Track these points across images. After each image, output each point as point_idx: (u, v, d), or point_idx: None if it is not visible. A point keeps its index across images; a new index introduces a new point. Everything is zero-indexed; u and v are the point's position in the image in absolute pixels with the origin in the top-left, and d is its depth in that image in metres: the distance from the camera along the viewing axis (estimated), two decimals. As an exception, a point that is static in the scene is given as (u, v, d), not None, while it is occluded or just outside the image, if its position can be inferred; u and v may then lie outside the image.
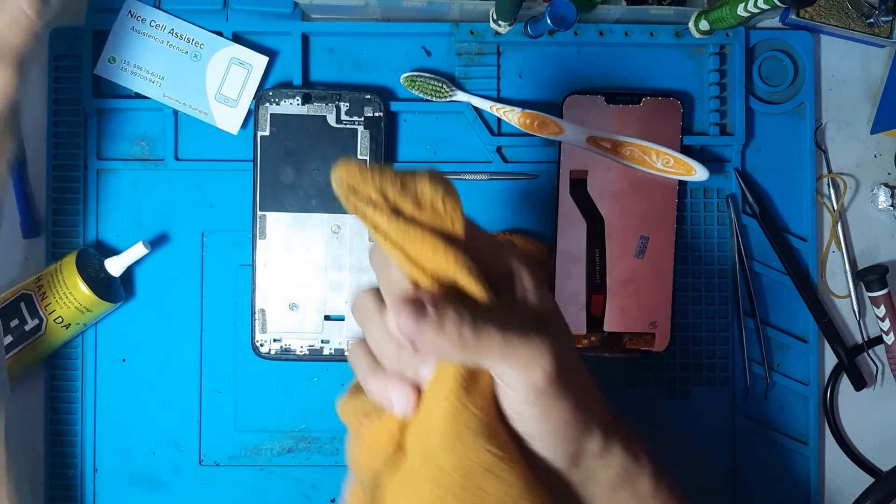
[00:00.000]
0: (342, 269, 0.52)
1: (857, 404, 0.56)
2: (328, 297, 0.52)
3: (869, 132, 0.57)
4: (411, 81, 0.53)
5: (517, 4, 0.48)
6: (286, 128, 0.51)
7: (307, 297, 0.52)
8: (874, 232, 0.57)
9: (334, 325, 0.52)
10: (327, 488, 0.54)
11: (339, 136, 0.51)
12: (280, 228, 0.51)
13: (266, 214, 0.51)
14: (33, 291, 0.50)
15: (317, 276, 0.52)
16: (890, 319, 0.55)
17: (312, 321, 0.52)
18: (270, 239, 0.51)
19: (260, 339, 0.52)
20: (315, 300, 0.52)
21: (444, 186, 0.32)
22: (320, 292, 0.52)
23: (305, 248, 0.52)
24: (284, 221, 0.51)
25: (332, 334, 0.52)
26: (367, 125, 0.51)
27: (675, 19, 0.53)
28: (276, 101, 0.51)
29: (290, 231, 0.51)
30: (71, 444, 0.53)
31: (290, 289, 0.52)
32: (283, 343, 0.52)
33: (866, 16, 0.55)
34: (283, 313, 0.52)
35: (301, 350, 0.52)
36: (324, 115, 0.51)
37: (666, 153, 0.52)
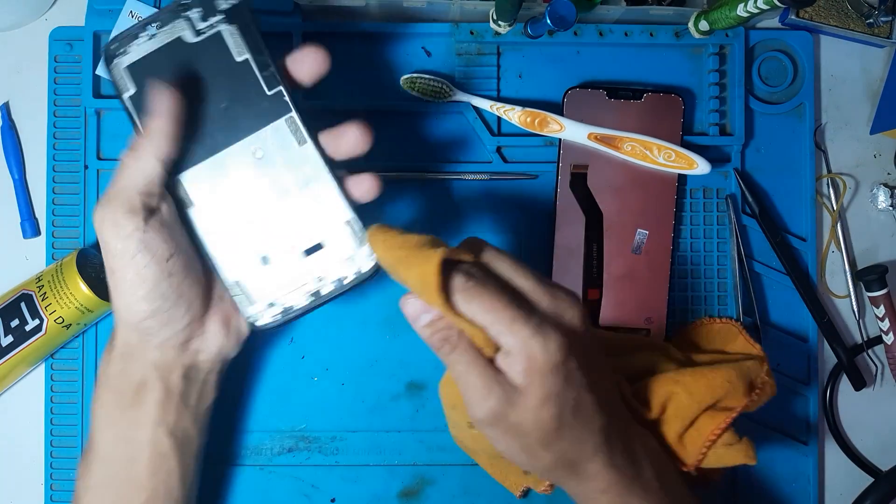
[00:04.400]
0: (288, 192, 0.43)
1: (857, 404, 0.56)
2: (293, 231, 0.43)
3: (868, 132, 0.57)
4: (411, 83, 0.53)
5: (517, 4, 0.48)
6: (148, 73, 0.42)
7: (273, 242, 0.43)
8: (874, 232, 0.57)
9: (318, 258, 0.43)
10: (327, 488, 0.54)
11: (206, 48, 0.42)
12: (202, 186, 0.43)
13: (179, 178, 0.42)
14: (33, 291, 0.50)
15: (267, 213, 0.43)
16: (889, 319, 0.55)
17: (293, 265, 0.43)
18: (199, 202, 0.43)
19: (251, 314, 0.44)
20: (282, 241, 0.43)
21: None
22: (282, 230, 0.43)
23: (238, 191, 0.43)
24: (202, 174, 0.43)
25: (321, 268, 0.43)
26: (230, 19, 0.42)
27: (674, 19, 0.54)
28: (125, 51, 0.42)
29: (213, 182, 0.43)
30: (71, 444, 0.53)
31: (250, 243, 0.43)
32: (277, 304, 0.44)
33: (866, 16, 0.55)
34: (260, 273, 0.43)
35: (302, 302, 0.44)
36: (179, 35, 0.42)
37: (667, 147, 0.52)
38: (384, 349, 0.54)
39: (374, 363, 0.54)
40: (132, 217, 0.40)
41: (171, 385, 0.44)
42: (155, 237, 0.41)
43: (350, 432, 0.54)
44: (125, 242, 0.40)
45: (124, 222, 0.40)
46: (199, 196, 0.43)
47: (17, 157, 0.55)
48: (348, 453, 0.54)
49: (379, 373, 0.54)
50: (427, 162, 0.54)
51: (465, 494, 0.54)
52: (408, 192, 0.54)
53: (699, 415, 0.45)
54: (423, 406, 0.54)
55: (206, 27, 0.42)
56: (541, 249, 0.54)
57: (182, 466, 0.45)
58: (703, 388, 0.44)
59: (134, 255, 0.40)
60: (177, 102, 0.40)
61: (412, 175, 0.54)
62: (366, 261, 0.43)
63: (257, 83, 0.42)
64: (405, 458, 0.54)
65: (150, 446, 0.44)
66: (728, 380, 0.44)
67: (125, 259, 0.41)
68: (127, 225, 0.40)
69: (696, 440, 0.45)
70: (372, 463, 0.54)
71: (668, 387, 0.45)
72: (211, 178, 0.43)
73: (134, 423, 0.44)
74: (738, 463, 0.46)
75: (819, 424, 0.55)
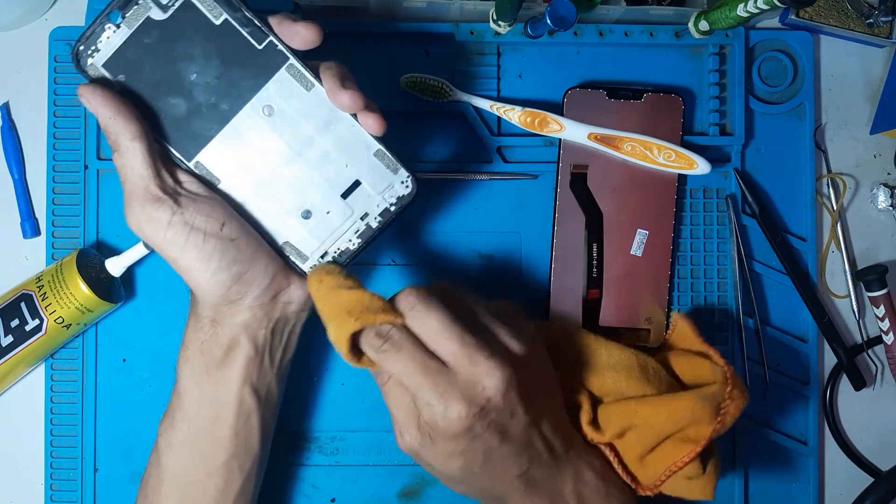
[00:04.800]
0: (311, 140, 0.42)
1: (857, 404, 0.56)
2: (326, 176, 0.43)
3: (868, 132, 0.57)
4: (411, 83, 0.53)
5: (517, 4, 0.48)
6: (127, 65, 0.41)
7: (308, 194, 0.43)
8: (874, 232, 0.57)
9: (357, 195, 0.43)
10: (327, 488, 0.54)
11: (180, 22, 0.40)
12: (222, 159, 0.42)
13: (198, 160, 0.42)
14: (33, 291, 0.50)
15: (295, 168, 0.42)
16: (889, 319, 0.55)
17: (336, 211, 0.43)
18: (225, 178, 0.42)
19: (308, 267, 0.43)
20: (318, 190, 0.43)
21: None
22: (315, 179, 0.43)
23: (261, 153, 0.42)
24: (218, 149, 0.42)
25: (363, 205, 0.43)
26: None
27: (674, 19, 0.54)
28: (95, 49, 0.40)
29: (232, 153, 0.42)
30: (71, 444, 0.53)
31: (287, 201, 0.43)
32: (331, 253, 0.43)
33: (866, 16, 0.55)
34: (305, 228, 0.43)
35: (353, 244, 0.43)
36: (146, 17, 0.40)
37: (667, 147, 0.52)
38: (384, 349, 0.54)
39: (374, 363, 0.54)
40: (160, 206, 0.40)
41: (259, 341, 0.44)
42: (195, 213, 0.40)
43: (350, 432, 0.54)
44: (171, 231, 0.40)
45: (157, 214, 0.40)
46: (224, 171, 0.42)
47: (17, 157, 0.55)
48: (348, 453, 0.54)
49: (379, 373, 0.54)
50: (427, 162, 0.54)
51: (465, 494, 0.54)
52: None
53: (663, 441, 0.45)
54: (423, 406, 0.54)
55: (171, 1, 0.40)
56: (541, 249, 0.54)
57: (263, 423, 0.46)
58: (664, 419, 0.44)
59: (187, 237, 0.40)
60: (104, 91, 0.39)
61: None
62: (403, 186, 0.43)
63: (245, 41, 0.41)
64: (405, 458, 0.53)
65: (235, 405, 0.44)
66: (690, 410, 0.43)
67: (180, 244, 0.40)
68: (161, 215, 0.40)
69: (657, 465, 0.45)
70: (372, 463, 0.54)
71: (628, 417, 0.45)
72: (229, 150, 0.42)
73: (221, 383, 0.44)
74: (694, 498, 0.46)
75: (819, 424, 0.55)
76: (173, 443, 0.44)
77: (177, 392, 0.45)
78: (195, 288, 0.42)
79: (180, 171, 0.42)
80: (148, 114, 0.41)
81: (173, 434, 0.44)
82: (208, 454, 0.44)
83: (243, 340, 0.43)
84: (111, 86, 0.41)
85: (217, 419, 0.44)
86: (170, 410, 0.45)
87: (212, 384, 0.44)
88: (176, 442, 0.44)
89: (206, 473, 0.44)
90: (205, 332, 0.43)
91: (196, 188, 0.42)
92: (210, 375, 0.44)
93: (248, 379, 0.44)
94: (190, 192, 0.41)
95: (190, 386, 0.44)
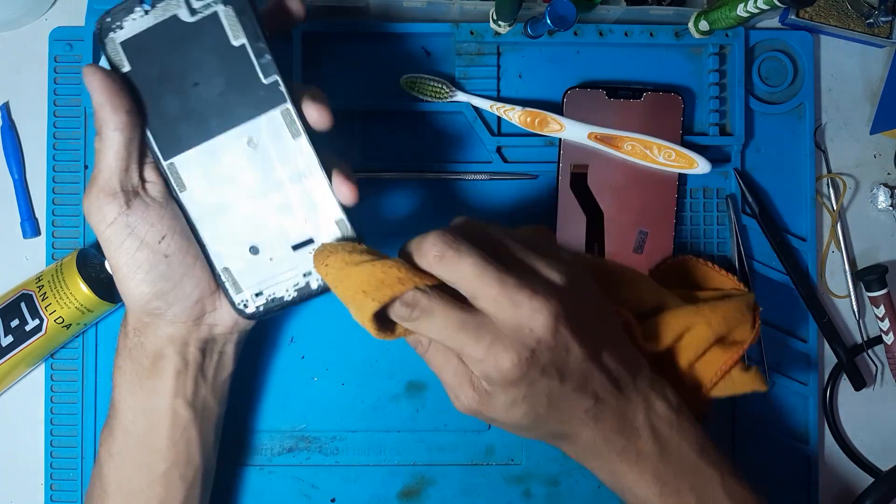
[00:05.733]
0: (281, 185, 0.42)
1: (857, 404, 0.56)
2: (283, 224, 0.43)
3: (868, 132, 0.57)
4: (411, 83, 0.53)
5: (517, 4, 0.48)
6: (143, 51, 0.41)
7: (262, 233, 0.43)
8: (874, 232, 0.57)
9: (306, 252, 0.43)
10: (327, 488, 0.54)
11: (202, 31, 0.41)
12: (194, 170, 0.42)
13: (173, 161, 0.42)
14: (33, 291, 0.50)
15: (259, 205, 0.42)
16: (889, 319, 0.55)
17: (282, 258, 0.43)
18: (191, 187, 0.42)
19: (239, 300, 0.43)
20: (272, 233, 0.43)
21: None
22: (273, 222, 0.43)
23: (231, 179, 0.42)
24: (195, 160, 0.42)
25: (309, 263, 0.43)
26: (229, 1, 0.41)
27: (674, 19, 0.54)
28: (119, 25, 0.41)
29: (205, 168, 0.42)
30: (71, 444, 0.53)
31: (241, 232, 0.43)
32: (265, 294, 0.43)
33: (866, 16, 0.55)
34: (248, 262, 0.43)
35: (288, 294, 0.43)
36: (173, 13, 0.41)
37: (667, 147, 0.52)
38: (384, 349, 0.54)
39: (374, 363, 0.54)
40: (113, 202, 0.40)
41: (188, 357, 0.44)
42: (141, 220, 0.41)
43: (350, 432, 0.54)
44: (112, 229, 0.41)
45: (106, 209, 0.40)
46: (192, 181, 0.42)
47: (17, 157, 0.55)
48: (348, 453, 0.54)
49: (379, 373, 0.54)
50: (427, 162, 0.54)
51: (465, 494, 0.54)
52: (408, 192, 0.54)
53: (709, 347, 0.46)
54: (423, 406, 0.54)
55: (201, 6, 0.41)
56: (541, 249, 0.54)
57: (202, 436, 0.46)
58: (720, 319, 0.45)
59: (123, 240, 0.41)
60: (105, 75, 0.40)
61: (412, 175, 0.54)
62: None
63: (253, 70, 0.41)
64: (405, 458, 0.54)
65: (169, 416, 0.44)
66: (740, 311, 0.46)
67: (115, 245, 0.41)
68: (109, 210, 0.40)
69: (708, 369, 0.46)
70: (372, 463, 0.54)
71: (689, 318, 0.45)
72: (204, 163, 0.42)
73: (153, 392, 0.44)
74: (750, 390, 0.47)
75: (819, 424, 0.55)
76: (113, 452, 0.45)
77: (113, 402, 0.45)
78: (121, 294, 0.43)
79: (149, 170, 0.42)
80: (142, 101, 0.42)
81: (113, 443, 0.45)
82: (147, 463, 0.44)
83: (170, 353, 0.43)
84: (114, 73, 0.41)
85: (152, 428, 0.44)
86: (108, 420, 0.45)
87: (144, 392, 0.44)
88: (115, 452, 0.45)
89: (146, 483, 0.44)
90: (129, 339, 0.44)
91: (156, 193, 0.42)
92: (141, 383, 0.44)
93: (181, 392, 0.44)
94: (147, 196, 0.41)
95: (124, 394, 0.44)
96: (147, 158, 0.42)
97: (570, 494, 0.54)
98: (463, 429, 0.54)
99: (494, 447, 0.54)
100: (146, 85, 0.42)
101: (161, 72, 0.41)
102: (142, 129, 0.42)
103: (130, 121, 0.40)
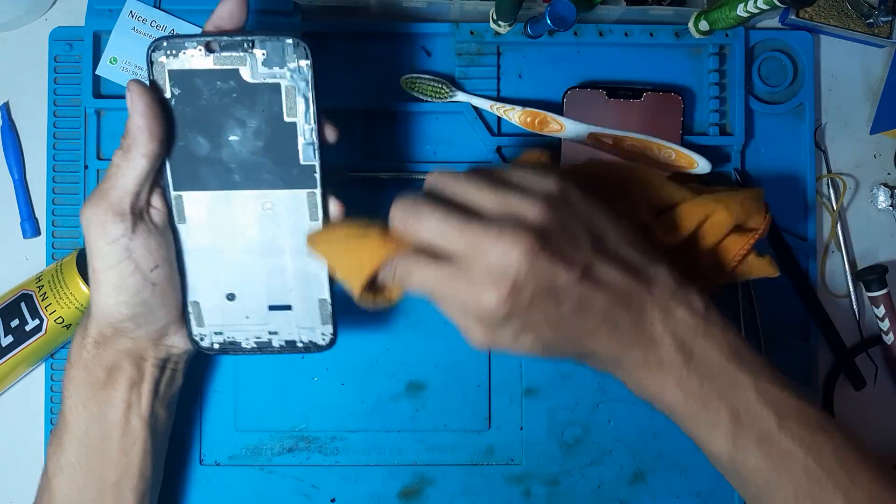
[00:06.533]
0: (281, 253, 0.44)
1: (856, 404, 0.56)
2: (270, 285, 0.44)
3: (868, 132, 0.57)
4: (411, 83, 0.53)
5: (517, 4, 0.48)
6: (190, 87, 0.41)
7: (245, 286, 0.44)
8: (874, 232, 0.57)
9: (281, 315, 0.45)
10: (327, 488, 0.54)
11: (258, 93, 0.41)
12: (201, 210, 0.43)
13: (182, 195, 0.42)
14: (33, 291, 0.50)
15: (253, 262, 0.44)
16: (889, 319, 0.55)
17: (255, 312, 0.45)
18: (191, 223, 0.43)
19: (198, 333, 0.45)
20: (254, 289, 0.44)
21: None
22: (260, 280, 0.44)
23: (235, 232, 0.43)
24: (205, 202, 0.43)
25: (279, 325, 0.45)
26: (293, 78, 0.41)
27: (674, 19, 0.54)
28: (173, 53, 0.40)
29: (213, 213, 0.43)
30: (71, 443, 0.53)
31: (225, 277, 0.44)
32: (225, 336, 0.45)
33: (866, 16, 0.55)
34: (220, 304, 0.44)
35: (247, 343, 0.45)
36: (236, 67, 0.41)
37: (667, 147, 0.52)
38: (384, 349, 0.54)
39: (374, 363, 0.54)
40: (120, 221, 0.40)
41: (144, 371, 0.45)
42: (141, 246, 0.41)
43: (350, 432, 0.54)
44: (111, 247, 0.40)
45: (111, 226, 0.40)
46: (194, 217, 0.43)
47: (17, 157, 0.55)
48: (348, 453, 0.54)
49: (379, 373, 0.54)
50: (427, 162, 0.54)
51: (465, 494, 0.54)
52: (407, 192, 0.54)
53: (728, 234, 0.46)
54: (423, 406, 0.54)
55: (267, 74, 0.41)
56: (541, 249, 0.54)
57: (154, 446, 0.46)
58: (738, 206, 0.46)
59: (119, 261, 0.41)
60: (152, 100, 0.40)
61: (412, 175, 0.54)
62: (321, 337, 0.45)
63: (294, 148, 0.42)
64: (405, 458, 0.54)
65: (121, 426, 0.45)
66: (755, 200, 0.47)
67: (109, 263, 0.41)
68: (114, 230, 0.40)
69: (726, 254, 0.47)
70: (372, 463, 0.54)
71: (709, 206, 0.46)
72: (213, 207, 0.43)
73: (106, 403, 0.44)
74: (764, 275, 0.47)
75: (819, 424, 0.55)
76: (63, 465, 0.45)
77: (62, 414, 0.45)
78: (94, 304, 0.43)
79: (156, 196, 0.42)
80: (171, 130, 0.42)
81: (62, 455, 0.45)
82: (98, 474, 0.45)
83: (126, 365, 0.44)
84: (159, 95, 0.41)
85: (105, 439, 0.44)
86: (57, 432, 0.45)
87: (97, 403, 0.44)
88: (66, 464, 0.45)
89: (97, 493, 0.45)
90: (88, 350, 0.44)
91: (158, 220, 0.42)
92: (95, 395, 0.44)
93: (134, 403, 0.45)
94: (150, 222, 0.42)
95: (76, 406, 0.44)
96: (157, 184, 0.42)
97: (570, 494, 0.54)
98: (463, 429, 0.54)
99: (494, 447, 0.54)
100: (180, 118, 0.41)
101: (200, 113, 0.41)
102: (164, 158, 0.42)
103: (160, 150, 0.41)
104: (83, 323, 0.44)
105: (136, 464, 0.45)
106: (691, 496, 0.54)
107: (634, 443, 0.54)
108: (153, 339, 0.44)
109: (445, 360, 0.54)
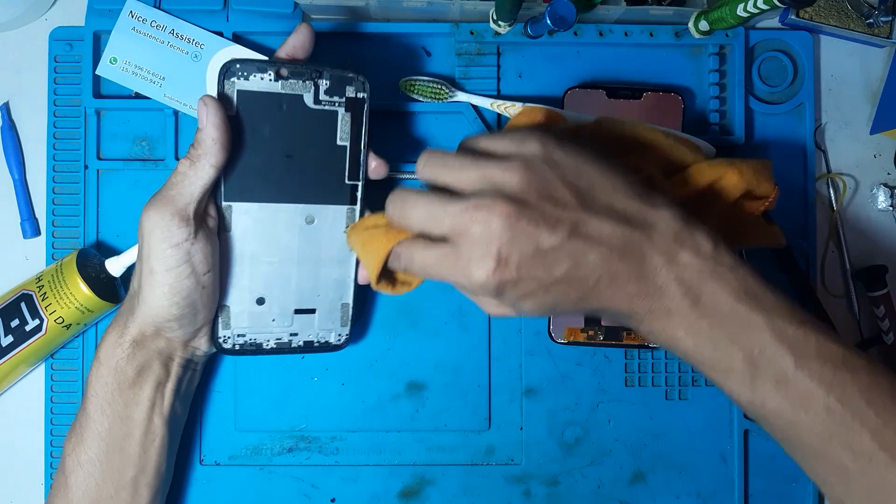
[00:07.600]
0: (317, 261, 0.47)
1: (857, 404, 0.56)
2: (299, 291, 0.48)
3: (868, 132, 0.57)
4: (410, 85, 0.53)
5: (517, 4, 0.48)
6: (255, 107, 0.44)
7: (276, 291, 0.47)
8: (874, 232, 0.57)
9: (305, 318, 0.48)
10: (327, 488, 0.54)
11: (317, 118, 0.45)
12: (247, 221, 0.46)
13: (231, 205, 0.45)
14: (33, 291, 0.50)
15: (287, 269, 0.47)
16: (889, 319, 0.55)
17: (281, 315, 0.48)
18: (236, 232, 0.46)
19: (223, 335, 0.47)
20: (284, 295, 0.48)
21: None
22: (291, 286, 0.48)
23: (276, 242, 0.47)
24: (252, 213, 0.46)
25: (301, 327, 0.49)
26: (349, 107, 0.46)
27: (674, 19, 0.54)
28: (244, 76, 0.44)
29: (258, 224, 0.46)
30: (71, 443, 0.53)
31: (258, 283, 0.47)
32: (248, 338, 0.48)
33: (866, 16, 0.55)
34: (249, 308, 0.47)
35: (268, 344, 0.48)
36: (300, 94, 0.45)
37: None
38: (384, 349, 0.54)
39: (374, 363, 0.54)
40: (185, 226, 0.42)
41: (171, 371, 0.47)
42: (199, 251, 0.43)
43: (350, 432, 0.54)
44: (174, 250, 0.42)
45: (177, 231, 0.42)
46: (239, 226, 0.46)
47: (17, 157, 0.55)
48: (348, 453, 0.54)
49: (379, 373, 0.54)
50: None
51: (465, 494, 0.54)
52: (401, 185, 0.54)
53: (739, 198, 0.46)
54: (423, 406, 0.54)
55: (327, 101, 0.45)
56: (541, 249, 0.54)
57: (170, 442, 0.48)
58: (751, 171, 0.45)
59: (179, 264, 0.43)
60: (224, 115, 0.42)
61: (412, 175, 0.54)
62: (337, 338, 0.50)
63: (342, 168, 0.46)
64: (405, 458, 0.54)
65: (145, 424, 0.46)
66: (766, 167, 0.46)
67: (168, 265, 0.43)
68: (178, 234, 0.42)
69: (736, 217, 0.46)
70: (372, 463, 0.54)
71: (721, 168, 0.45)
72: (258, 218, 0.46)
73: (132, 401, 0.46)
74: (773, 243, 0.47)
75: (819, 424, 0.55)
76: (83, 461, 0.46)
77: (85, 410, 0.46)
78: (145, 303, 0.44)
79: (211, 206, 0.45)
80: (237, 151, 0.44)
81: (83, 452, 0.46)
82: (118, 470, 0.46)
83: (156, 365, 0.46)
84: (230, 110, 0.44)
85: (127, 436, 0.46)
86: (77, 429, 0.46)
87: (123, 402, 0.46)
88: (86, 460, 0.46)
89: (114, 489, 0.46)
90: (123, 350, 0.45)
91: (213, 227, 0.45)
92: (122, 393, 0.46)
93: (158, 402, 0.47)
94: (207, 228, 0.44)
95: (101, 404, 0.46)
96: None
97: (570, 494, 0.54)
98: (463, 429, 0.54)
99: (494, 447, 0.54)
100: (241, 134, 0.44)
101: (260, 131, 0.45)
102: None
103: (226, 161, 0.43)
104: (121, 322, 0.46)
105: (153, 460, 0.47)
106: (691, 496, 0.54)
107: (634, 443, 0.54)
108: (185, 340, 0.46)
109: (445, 361, 0.54)
